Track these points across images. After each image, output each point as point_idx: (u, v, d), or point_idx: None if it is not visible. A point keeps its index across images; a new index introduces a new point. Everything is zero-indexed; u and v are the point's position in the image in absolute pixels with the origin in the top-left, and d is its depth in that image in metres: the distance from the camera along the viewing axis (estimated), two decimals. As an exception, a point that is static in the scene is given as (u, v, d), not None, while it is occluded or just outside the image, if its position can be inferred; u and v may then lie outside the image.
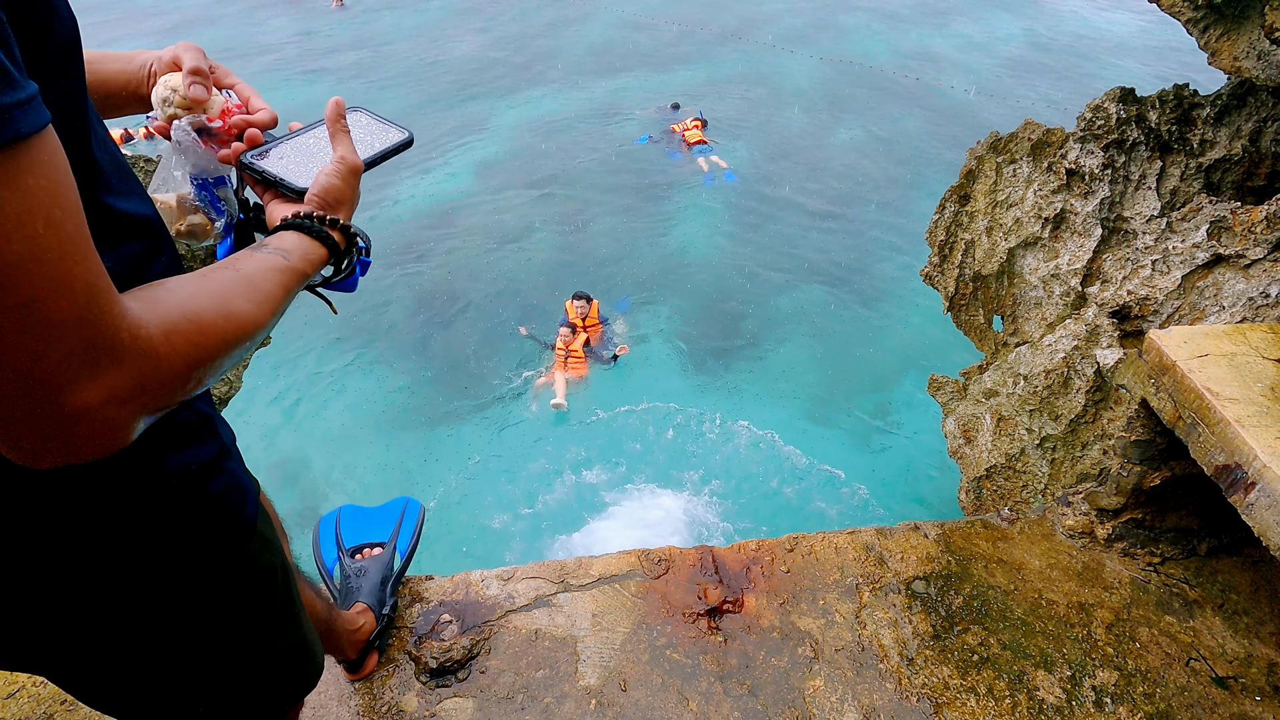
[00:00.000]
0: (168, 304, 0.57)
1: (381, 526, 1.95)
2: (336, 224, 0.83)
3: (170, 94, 0.82)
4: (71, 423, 0.50)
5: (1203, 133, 3.44)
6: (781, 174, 11.20)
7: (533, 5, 20.37)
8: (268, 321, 0.67)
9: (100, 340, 0.50)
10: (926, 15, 19.53)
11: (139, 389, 0.53)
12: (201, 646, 0.85)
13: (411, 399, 6.78)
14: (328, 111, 0.88)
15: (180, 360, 0.56)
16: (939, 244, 4.19)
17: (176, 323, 0.57)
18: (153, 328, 0.54)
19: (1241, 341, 1.68)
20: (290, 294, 0.73)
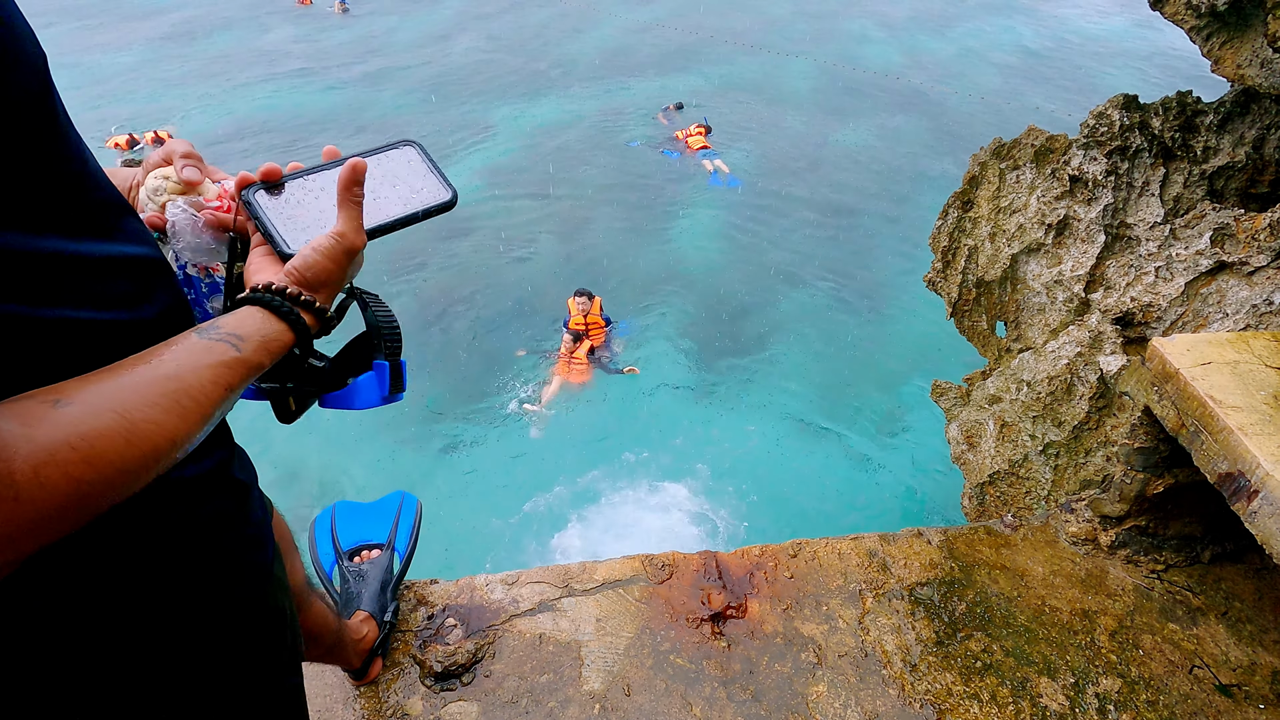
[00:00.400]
0: (57, 426, 0.47)
1: (378, 524, 1.90)
2: (311, 306, 0.71)
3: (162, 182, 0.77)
4: None
5: (1206, 139, 3.45)
6: (785, 179, 11.23)
7: (536, 10, 20.47)
8: (193, 434, 0.55)
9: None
10: (929, 21, 19.57)
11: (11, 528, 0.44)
12: (208, 686, 0.82)
13: (414, 404, 6.80)
14: (341, 176, 0.74)
15: (49, 500, 0.46)
16: (942, 250, 4.20)
17: (56, 451, 0.46)
18: (18, 460, 0.44)
19: (1244, 349, 1.68)
20: (233, 394, 0.60)
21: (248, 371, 0.62)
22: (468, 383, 7.04)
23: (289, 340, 0.68)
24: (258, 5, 21.00)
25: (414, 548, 1.90)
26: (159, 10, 20.42)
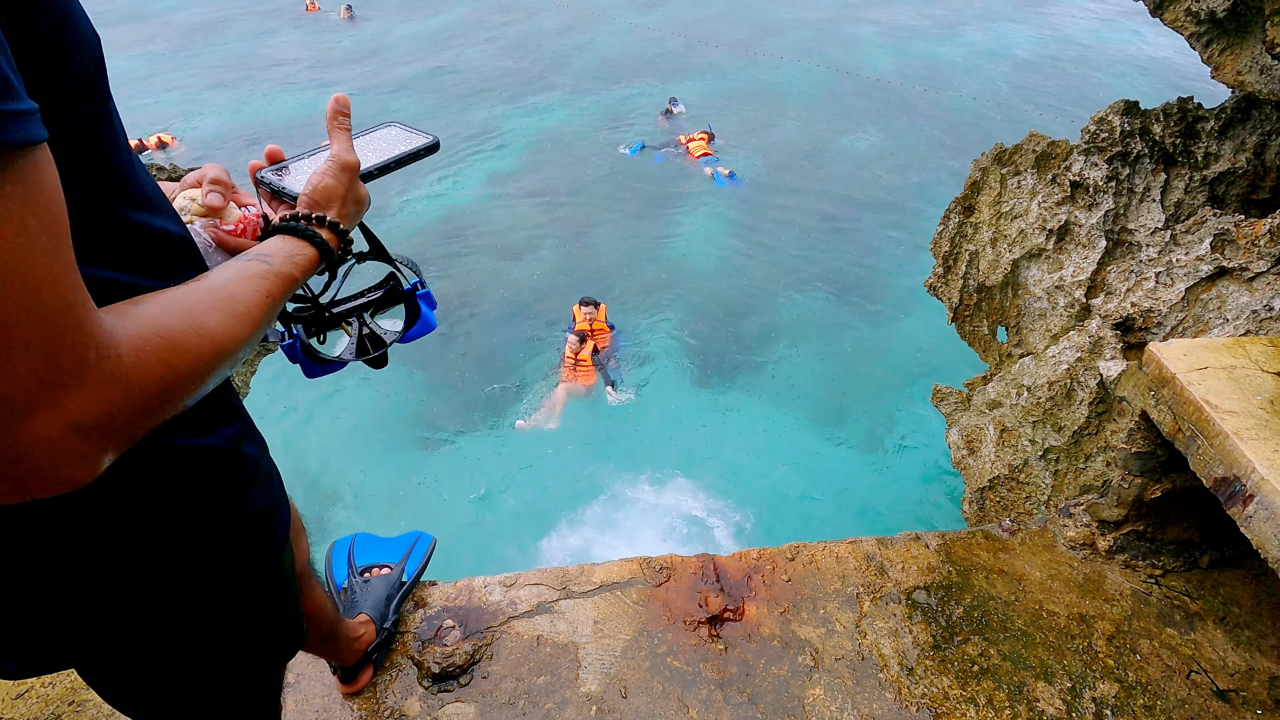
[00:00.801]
0: (140, 318, 0.53)
1: (393, 553, 2.01)
2: (324, 221, 0.80)
3: (189, 203, 0.84)
4: (27, 455, 0.46)
5: (1207, 146, 3.45)
6: (787, 184, 11.25)
7: (539, 17, 20.56)
8: (248, 336, 0.63)
9: (64, 360, 0.46)
10: (933, 27, 19.61)
11: (103, 416, 0.49)
12: (219, 638, 0.88)
13: (420, 407, 6.82)
14: (327, 107, 0.85)
15: (151, 383, 0.51)
16: (943, 255, 4.20)
17: (147, 339, 0.52)
18: (122, 345, 0.50)
19: (1241, 354, 1.69)
20: (274, 301, 0.68)
21: (281, 281, 0.70)
22: (471, 387, 7.06)
23: (312, 254, 0.77)
24: (263, 10, 21.14)
25: (422, 572, 1.99)
26: (162, 14, 20.57)
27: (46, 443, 0.46)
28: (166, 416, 0.55)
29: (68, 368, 0.46)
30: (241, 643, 0.92)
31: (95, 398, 0.48)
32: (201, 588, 0.79)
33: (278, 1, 21.88)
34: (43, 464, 0.47)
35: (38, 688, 1.75)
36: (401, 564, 1.97)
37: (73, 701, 1.72)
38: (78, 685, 1.75)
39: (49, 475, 0.48)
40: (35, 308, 0.44)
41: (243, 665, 0.96)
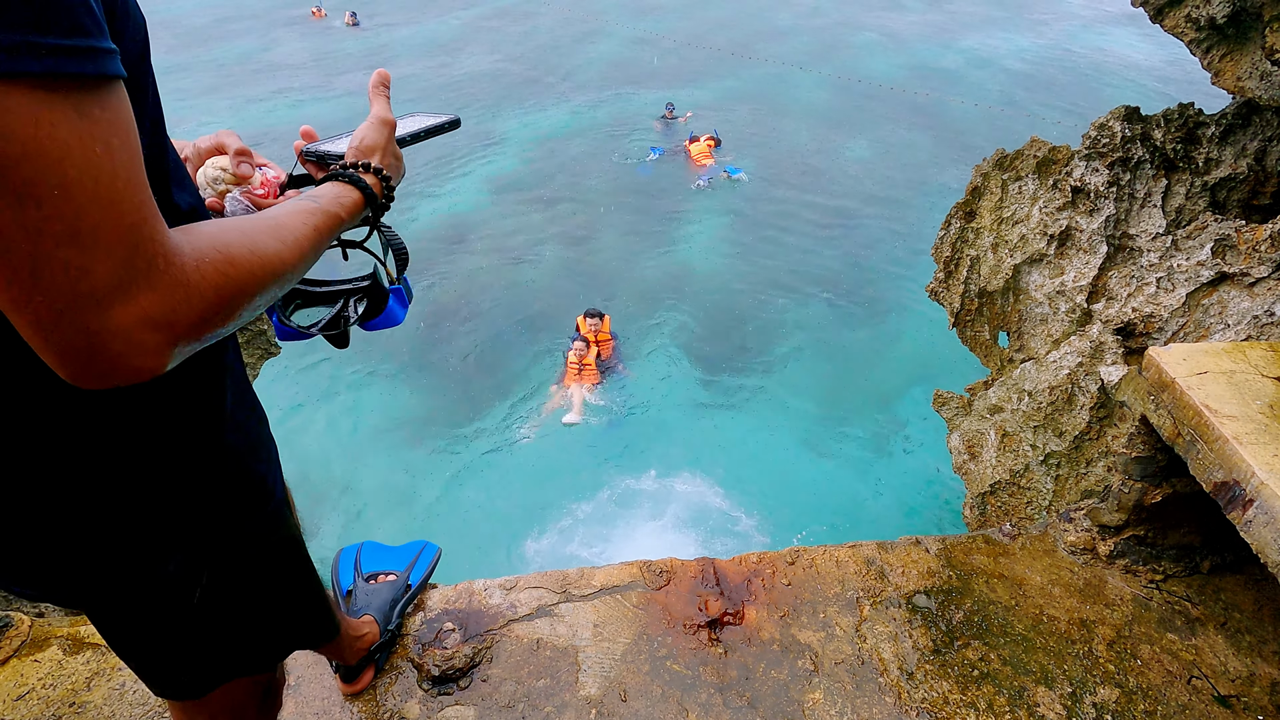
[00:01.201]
0: (200, 236, 0.60)
1: (399, 561, 2.03)
2: (369, 168, 0.89)
3: (220, 173, 0.91)
4: (108, 340, 0.53)
5: (1208, 151, 3.45)
6: (789, 188, 11.26)
7: (542, 23, 20.64)
8: (295, 261, 0.70)
9: (139, 261, 0.53)
10: (934, 34, 19.66)
11: (170, 314, 0.55)
12: (230, 598, 0.94)
13: (421, 411, 6.82)
14: (371, 79, 0.97)
15: (210, 289, 0.58)
16: (944, 260, 4.20)
17: (206, 252, 0.59)
18: (186, 255, 0.57)
19: (1241, 359, 1.69)
20: (320, 235, 0.76)
21: (328, 219, 0.78)
22: (472, 391, 7.07)
23: (357, 196, 0.85)
24: (267, 17, 21.24)
25: (426, 580, 2.01)
26: (167, 22, 20.68)
27: (123, 333, 0.53)
28: (225, 323, 0.61)
29: (141, 269, 0.53)
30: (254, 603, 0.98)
31: (164, 297, 0.55)
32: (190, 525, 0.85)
33: (282, 9, 22.00)
34: (120, 351, 0.54)
35: (38, 689, 1.75)
36: (407, 571, 1.99)
37: (73, 703, 1.72)
38: (78, 687, 1.76)
39: (125, 363, 0.54)
40: (117, 215, 0.51)
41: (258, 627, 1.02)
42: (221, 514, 0.88)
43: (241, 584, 0.96)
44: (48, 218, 0.48)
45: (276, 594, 1.04)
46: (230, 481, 0.89)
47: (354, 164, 0.89)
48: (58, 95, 0.48)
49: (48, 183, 0.48)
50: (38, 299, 0.50)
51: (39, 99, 0.47)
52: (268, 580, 1.01)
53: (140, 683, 1.78)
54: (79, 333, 0.52)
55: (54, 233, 0.49)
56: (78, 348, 0.52)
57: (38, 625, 1.93)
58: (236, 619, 0.99)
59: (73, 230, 0.49)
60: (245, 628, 1.02)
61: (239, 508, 0.91)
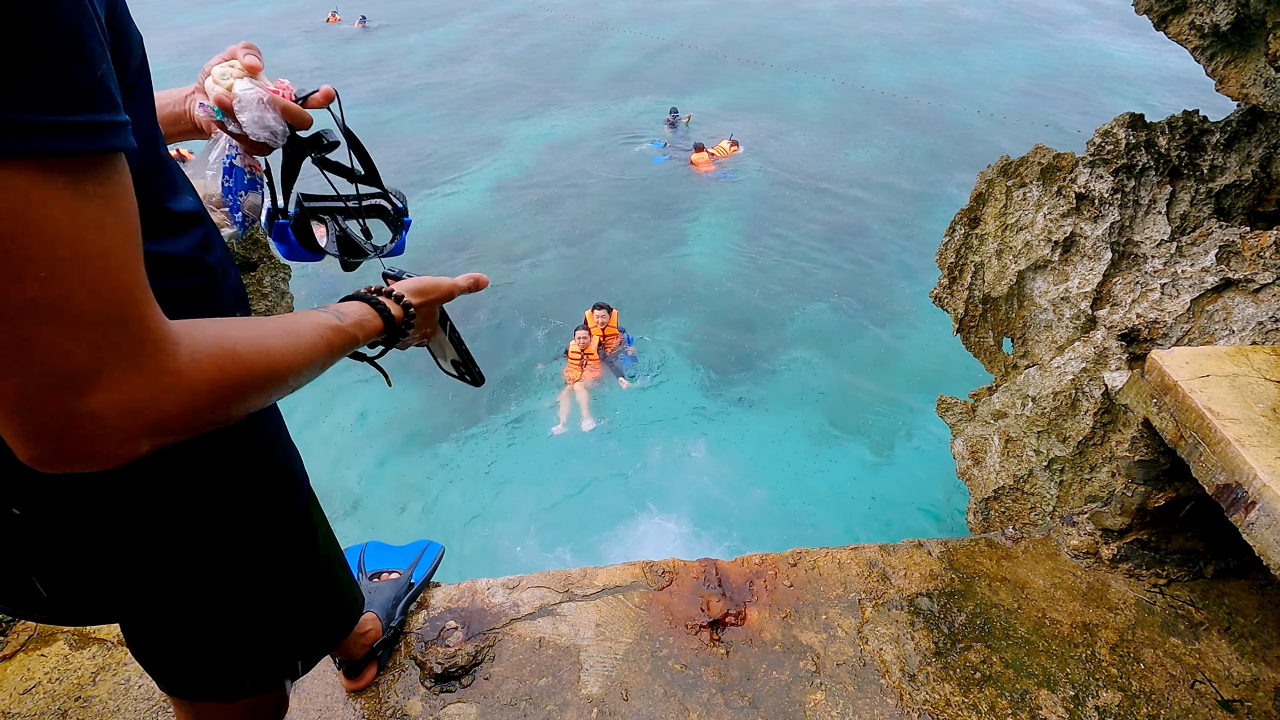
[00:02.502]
0: (204, 330, 0.58)
1: (402, 560, 2.05)
2: (401, 300, 0.90)
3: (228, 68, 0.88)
4: (77, 428, 0.50)
5: (1213, 158, 3.46)
6: (794, 194, 11.29)
7: (548, 29, 20.74)
8: (302, 368, 0.68)
9: (125, 345, 0.51)
10: (939, 42, 19.70)
11: (151, 402, 0.53)
12: (257, 595, 0.94)
13: (424, 412, 6.85)
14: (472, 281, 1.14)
15: (202, 382, 0.56)
16: (948, 266, 4.21)
17: (205, 345, 0.57)
18: (181, 345, 0.55)
19: (1244, 363, 1.69)
20: (333, 350, 0.75)
21: (344, 337, 0.78)
22: (475, 392, 7.09)
23: (378, 324, 0.86)
24: (277, 22, 21.40)
25: (429, 578, 2.02)
26: (178, 26, 20.85)
27: (96, 419, 0.51)
28: (214, 418, 0.59)
29: (126, 353, 0.51)
30: (276, 608, 0.98)
31: (147, 384, 0.52)
32: (227, 533, 0.85)
33: (292, 13, 22.17)
34: (89, 437, 0.51)
35: (45, 683, 1.76)
36: (410, 569, 2.00)
37: (79, 697, 1.73)
38: (84, 681, 1.77)
39: (92, 449, 0.52)
40: (103, 295, 0.50)
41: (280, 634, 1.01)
42: (255, 511, 0.88)
43: (278, 583, 0.96)
44: (33, 298, 0.47)
45: (311, 590, 1.04)
46: (263, 478, 0.89)
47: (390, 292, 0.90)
48: (55, 173, 0.47)
49: (37, 262, 0.46)
50: (13, 378, 0.48)
51: (35, 178, 0.46)
52: (302, 577, 1.01)
53: (146, 677, 1.79)
54: (53, 414, 0.50)
55: (38, 312, 0.47)
56: (49, 430, 0.50)
57: (44, 620, 1.95)
58: (273, 619, 0.99)
59: (57, 310, 0.47)
60: (284, 627, 1.02)
61: (272, 504, 0.91)
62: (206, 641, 0.95)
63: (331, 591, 1.10)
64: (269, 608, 0.97)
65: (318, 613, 1.09)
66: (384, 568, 2.00)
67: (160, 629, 0.93)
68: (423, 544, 2.12)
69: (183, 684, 1.01)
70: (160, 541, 0.79)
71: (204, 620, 0.91)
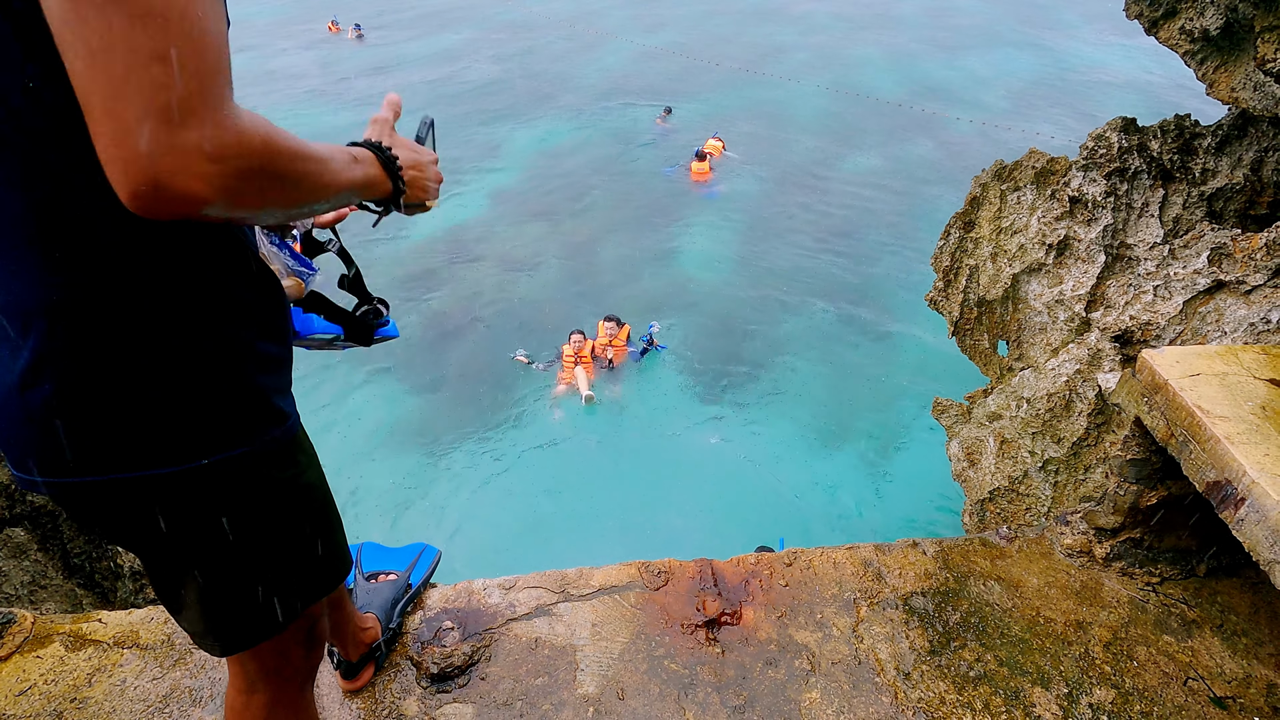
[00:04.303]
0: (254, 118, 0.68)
1: (399, 562, 2.05)
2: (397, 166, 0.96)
3: None
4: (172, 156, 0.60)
5: (1204, 162, 3.48)
6: (790, 199, 11.33)
7: (545, 36, 20.82)
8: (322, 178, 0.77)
9: (210, 96, 0.62)
10: (934, 50, 19.81)
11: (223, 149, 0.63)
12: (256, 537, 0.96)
13: (421, 418, 6.85)
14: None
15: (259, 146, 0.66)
16: (944, 269, 4.23)
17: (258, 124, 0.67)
18: (243, 113, 0.66)
19: (1234, 361, 1.71)
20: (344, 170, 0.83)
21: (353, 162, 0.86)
22: (472, 397, 7.10)
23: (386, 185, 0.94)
24: (273, 31, 21.46)
25: (427, 581, 2.03)
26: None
27: (184, 151, 0.61)
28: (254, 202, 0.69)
29: (211, 102, 0.62)
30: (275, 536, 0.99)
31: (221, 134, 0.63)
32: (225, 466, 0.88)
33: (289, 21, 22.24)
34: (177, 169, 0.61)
35: (40, 685, 1.76)
36: (408, 571, 2.00)
37: (74, 699, 1.73)
38: (79, 683, 1.77)
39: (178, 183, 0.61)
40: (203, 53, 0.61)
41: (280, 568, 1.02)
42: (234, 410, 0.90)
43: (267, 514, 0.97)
44: (150, 35, 0.58)
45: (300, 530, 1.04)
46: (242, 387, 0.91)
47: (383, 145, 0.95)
48: None
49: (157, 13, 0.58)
50: (127, 107, 0.58)
51: None
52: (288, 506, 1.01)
53: (141, 678, 1.79)
54: (152, 141, 0.59)
55: (151, 49, 0.58)
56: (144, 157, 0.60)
57: (40, 622, 1.95)
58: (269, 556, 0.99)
59: (162, 49, 0.58)
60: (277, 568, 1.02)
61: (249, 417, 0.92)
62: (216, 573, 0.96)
63: (319, 531, 1.09)
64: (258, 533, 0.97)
65: (307, 549, 1.07)
66: (381, 569, 2.00)
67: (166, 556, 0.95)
68: (419, 547, 2.12)
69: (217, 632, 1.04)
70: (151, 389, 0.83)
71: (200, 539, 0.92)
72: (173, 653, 1.85)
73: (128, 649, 1.87)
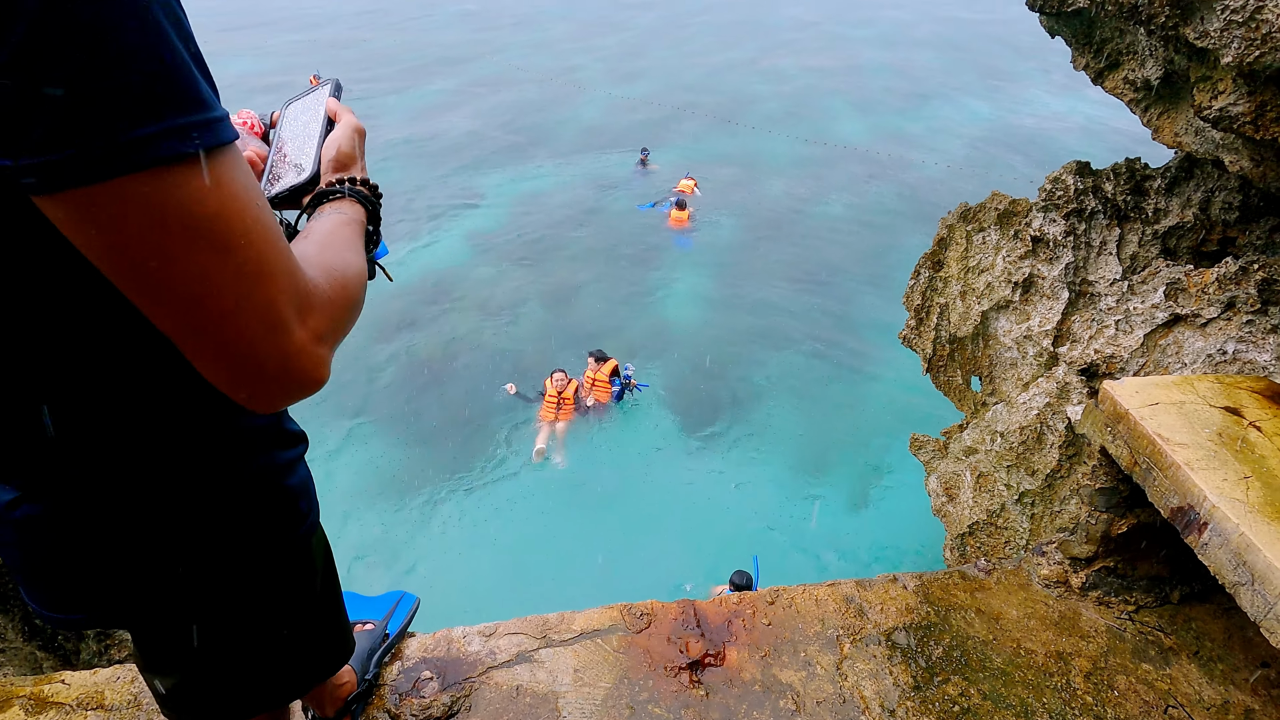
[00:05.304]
0: (310, 262, 0.69)
1: (376, 611, 2.02)
2: (355, 182, 0.96)
3: None
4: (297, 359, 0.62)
5: (1156, 202, 3.64)
6: (764, 243, 11.57)
7: (525, 89, 21.33)
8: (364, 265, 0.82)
9: (302, 288, 0.63)
10: (899, 100, 20.61)
11: (329, 327, 0.66)
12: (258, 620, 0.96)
13: (398, 464, 6.76)
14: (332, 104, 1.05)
15: (341, 301, 0.69)
16: (915, 308, 4.34)
17: (326, 273, 0.70)
18: (318, 279, 0.67)
19: (1190, 391, 1.77)
20: (362, 240, 0.88)
21: (359, 227, 0.89)
22: (450, 442, 7.03)
23: (364, 212, 0.94)
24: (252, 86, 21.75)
25: (404, 630, 2.00)
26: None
27: (306, 351, 0.63)
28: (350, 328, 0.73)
29: (303, 294, 0.63)
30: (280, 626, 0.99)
31: (323, 314, 0.66)
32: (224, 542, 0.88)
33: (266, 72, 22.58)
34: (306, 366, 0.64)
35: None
36: (385, 620, 1.97)
37: (34, 764, 1.66)
38: None
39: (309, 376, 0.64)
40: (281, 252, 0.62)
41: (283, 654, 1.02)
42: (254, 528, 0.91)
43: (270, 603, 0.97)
44: (243, 262, 0.57)
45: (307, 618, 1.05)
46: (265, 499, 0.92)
47: (353, 179, 0.96)
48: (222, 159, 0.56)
49: (235, 232, 0.57)
50: (240, 331, 0.59)
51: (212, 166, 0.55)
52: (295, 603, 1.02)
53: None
54: (273, 356, 0.61)
55: (250, 273, 0.58)
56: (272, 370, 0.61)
57: (0, 685, 1.88)
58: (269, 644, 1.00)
59: (258, 270, 0.58)
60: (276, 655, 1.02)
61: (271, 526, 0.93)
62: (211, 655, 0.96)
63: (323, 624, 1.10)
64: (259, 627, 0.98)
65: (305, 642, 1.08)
66: (358, 618, 1.96)
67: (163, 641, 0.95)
68: (397, 594, 2.09)
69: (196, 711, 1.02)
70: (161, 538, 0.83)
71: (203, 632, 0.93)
72: (139, 713, 1.79)
73: (92, 710, 1.80)
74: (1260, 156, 2.58)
